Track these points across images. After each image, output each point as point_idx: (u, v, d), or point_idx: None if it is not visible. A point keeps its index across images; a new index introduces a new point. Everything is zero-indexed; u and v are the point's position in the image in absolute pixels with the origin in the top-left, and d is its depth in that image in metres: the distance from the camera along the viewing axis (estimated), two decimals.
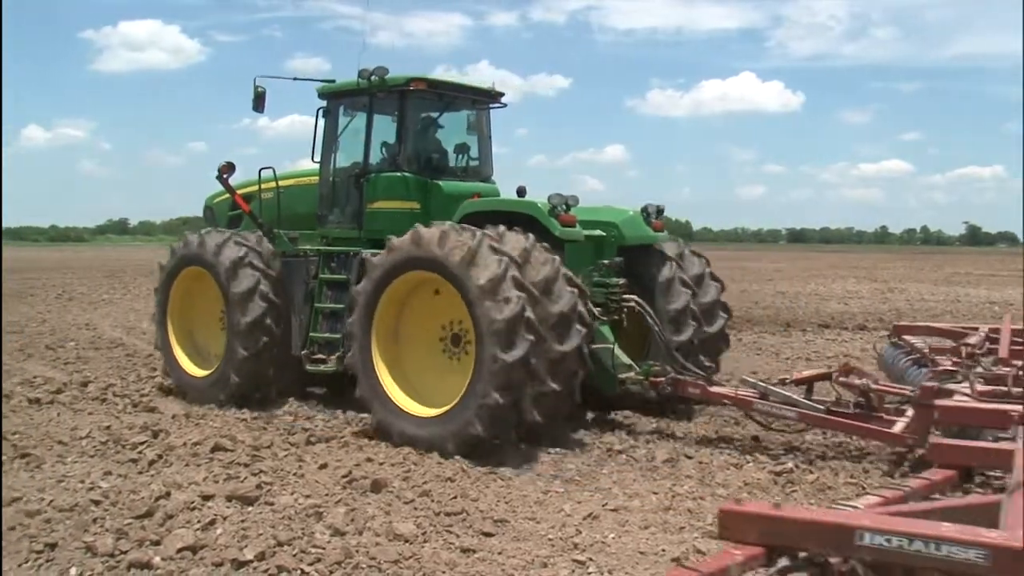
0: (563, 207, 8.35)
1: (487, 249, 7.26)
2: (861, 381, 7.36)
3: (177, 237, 10.46)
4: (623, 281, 8.62)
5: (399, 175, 9.29)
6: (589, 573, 4.81)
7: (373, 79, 9.16)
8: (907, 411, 6.76)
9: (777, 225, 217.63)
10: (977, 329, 8.85)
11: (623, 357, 8.30)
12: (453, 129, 10.11)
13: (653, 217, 9.34)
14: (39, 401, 9.10)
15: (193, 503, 5.56)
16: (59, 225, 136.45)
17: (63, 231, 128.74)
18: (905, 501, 3.92)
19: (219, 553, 4.79)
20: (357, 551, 4.89)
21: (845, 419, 7.03)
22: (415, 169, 9.40)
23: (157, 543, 4.91)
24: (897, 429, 6.42)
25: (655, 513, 5.92)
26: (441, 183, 9.38)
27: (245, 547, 4.85)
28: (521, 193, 9.38)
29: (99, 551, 4.77)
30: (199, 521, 5.26)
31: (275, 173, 10.33)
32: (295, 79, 10.26)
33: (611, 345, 8.15)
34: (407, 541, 5.12)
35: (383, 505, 5.84)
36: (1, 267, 20.47)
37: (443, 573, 4.75)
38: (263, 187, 10.29)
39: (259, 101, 10.03)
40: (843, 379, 7.72)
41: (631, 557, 5.06)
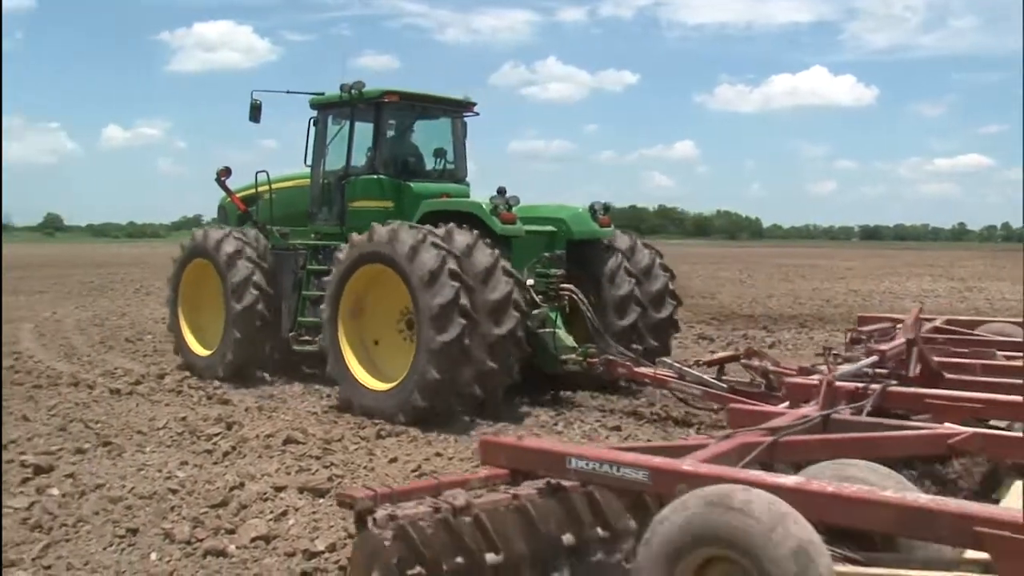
0: (504, 206, 9.25)
1: (428, 245, 8.22)
2: (760, 363, 7.94)
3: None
4: (561, 272, 9.48)
5: (375, 177, 10.31)
6: None
7: (353, 92, 10.22)
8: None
9: (849, 222, 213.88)
10: (934, 319, 9.08)
11: (567, 340, 9.13)
12: (428, 136, 11.16)
13: (600, 213, 10.13)
14: (119, 392, 9.42)
15: (266, 494, 5.70)
16: (136, 222, 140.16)
17: (140, 227, 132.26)
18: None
19: (291, 543, 4.90)
20: None
21: (742, 397, 7.48)
22: (390, 172, 10.38)
23: (231, 532, 5.06)
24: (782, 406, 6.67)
25: None
26: (412, 184, 10.32)
27: (316, 538, 4.96)
28: (501, 193, 9.81)
29: (176, 538, 4.93)
30: (272, 512, 5.39)
31: (268, 176, 11.34)
32: (288, 92, 11.25)
33: (553, 329, 9.05)
34: None
35: None
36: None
37: None
38: (264, 188, 11.34)
39: (255, 112, 11.08)
40: (746, 361, 8.22)
41: None
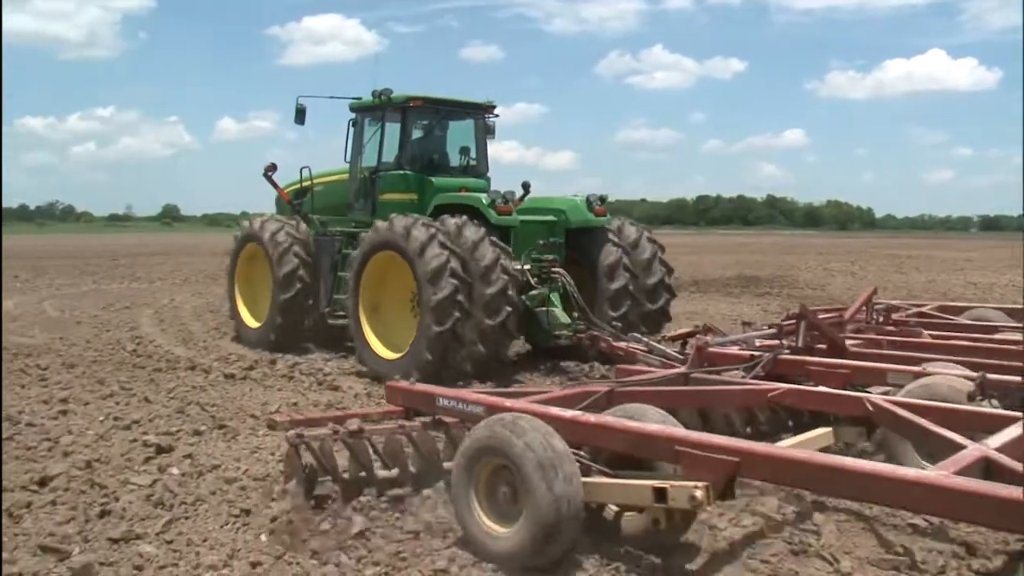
0: (501, 200, 10.54)
1: (436, 244, 9.57)
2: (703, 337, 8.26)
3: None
4: (553, 257, 10.78)
5: (401, 173, 11.63)
6: None
7: (383, 97, 11.64)
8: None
9: (967, 212, 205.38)
10: (923, 305, 10.25)
11: (561, 318, 10.24)
12: (453, 135, 12.53)
13: (595, 204, 11.35)
14: (233, 376, 9.78)
15: None
16: (249, 211, 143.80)
17: (252, 217, 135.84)
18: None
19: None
20: None
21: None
22: (415, 168, 11.68)
23: None
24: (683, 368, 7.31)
25: None
26: (434, 179, 11.59)
27: None
28: (526, 188, 12.24)
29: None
30: None
31: (311, 171, 13.00)
32: (331, 97, 12.98)
33: (548, 308, 10.22)
34: None
35: None
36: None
37: None
38: (307, 182, 13.00)
39: (300, 115, 12.60)
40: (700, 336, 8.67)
41: None
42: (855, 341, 8.02)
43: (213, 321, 14.89)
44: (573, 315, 10.29)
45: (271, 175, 13.08)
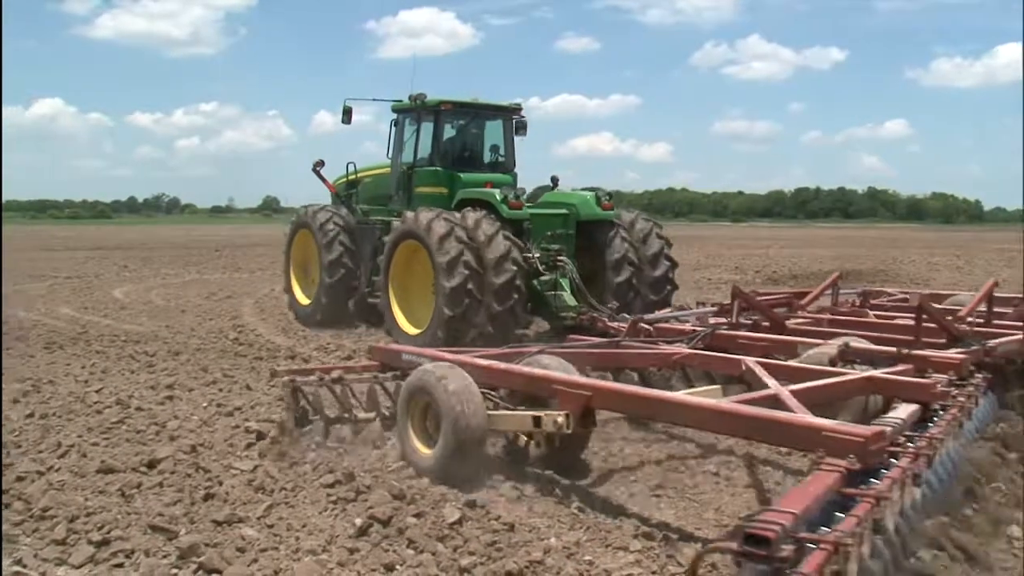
0: (512, 196, 11.81)
1: (453, 238, 10.82)
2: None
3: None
4: (558, 247, 12.02)
5: (433, 169, 13.07)
6: None
7: (418, 101, 13.07)
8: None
9: None
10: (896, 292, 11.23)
11: (569, 301, 11.33)
12: (482, 135, 13.85)
13: (603, 199, 12.57)
14: None
15: None
16: None
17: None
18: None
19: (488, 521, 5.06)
20: None
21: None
22: (445, 164, 13.09)
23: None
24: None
25: None
26: (462, 175, 12.95)
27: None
28: (554, 182, 13.73)
29: (378, 516, 5.13)
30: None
31: (356, 167, 14.85)
32: (373, 99, 15.72)
33: (556, 292, 11.42)
34: None
35: None
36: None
37: None
38: (353, 176, 14.78)
39: (347, 115, 14.07)
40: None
41: None
42: (804, 319, 9.09)
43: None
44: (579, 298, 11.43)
45: (319, 170, 14.77)
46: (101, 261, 31.40)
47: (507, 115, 13.86)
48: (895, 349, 6.80)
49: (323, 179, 14.87)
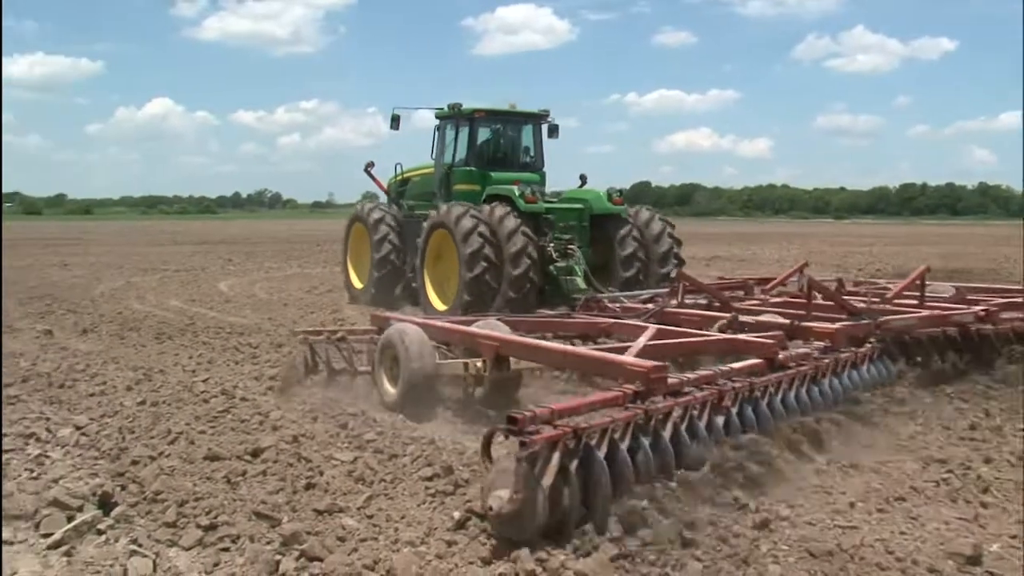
0: (529, 192, 13.60)
1: (476, 233, 12.78)
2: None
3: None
4: (568, 237, 13.72)
5: (468, 168, 15.03)
6: None
7: (455, 109, 15.12)
8: None
9: None
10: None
11: (580, 284, 12.87)
12: (512, 138, 15.65)
13: (614, 195, 14.37)
14: None
15: None
16: None
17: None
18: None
19: None
20: None
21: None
22: (479, 165, 15.01)
23: None
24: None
25: None
26: (493, 174, 14.82)
27: None
28: (583, 179, 15.60)
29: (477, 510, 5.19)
30: None
31: (403, 167, 17.13)
32: (418, 108, 16.55)
33: (569, 277, 13.05)
34: None
35: None
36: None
37: None
38: (401, 176, 17.02)
39: (395, 122, 16.08)
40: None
41: None
42: (753, 301, 10.42)
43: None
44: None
45: (370, 170, 17.07)
46: (207, 255, 32.48)
47: (536, 120, 15.69)
48: (790, 321, 8.21)
49: (374, 178, 17.24)
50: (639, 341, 7.10)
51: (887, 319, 8.40)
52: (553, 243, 13.51)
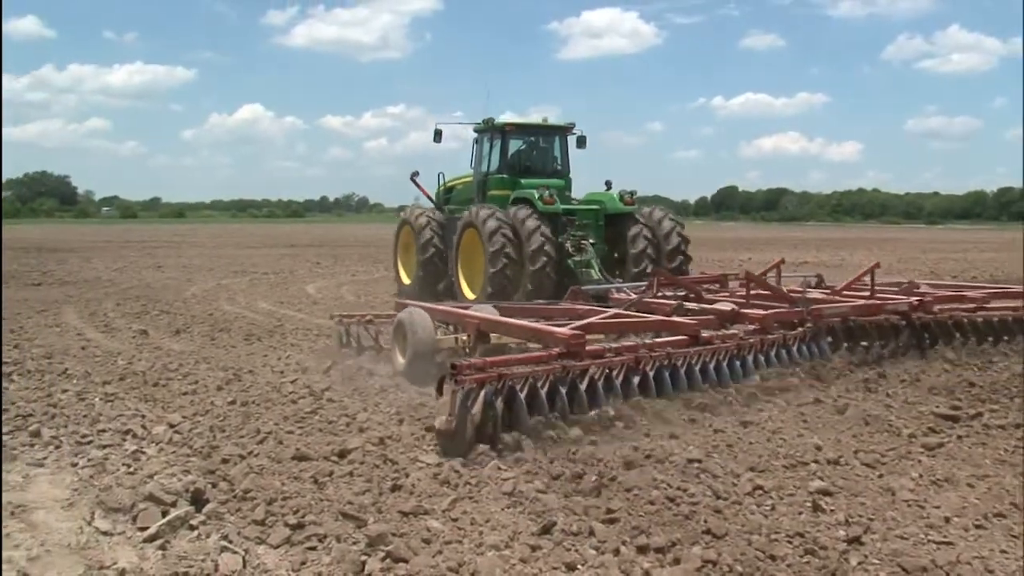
0: (546, 195, 15.26)
1: (500, 235, 14.60)
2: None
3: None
4: (582, 234, 15.42)
5: (501, 176, 16.94)
6: None
7: (488, 124, 17.03)
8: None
9: None
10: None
11: (595, 275, 14.56)
12: (540, 149, 17.54)
13: (626, 196, 15.99)
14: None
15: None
16: None
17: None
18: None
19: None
20: None
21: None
22: (511, 173, 16.93)
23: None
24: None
25: None
26: (523, 180, 16.58)
27: None
28: (608, 185, 16.78)
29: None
30: None
31: (445, 176, 19.39)
32: (460, 123, 19.79)
33: (584, 269, 14.79)
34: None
35: None
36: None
37: None
38: (453, 182, 18.97)
39: (438, 136, 18.17)
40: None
41: None
42: (724, 294, 11.62)
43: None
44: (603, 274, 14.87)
45: (415, 178, 19.32)
46: (295, 258, 33.16)
47: (562, 132, 17.53)
48: (731, 308, 9.63)
49: (419, 186, 19.35)
50: (587, 320, 8.72)
51: (818, 307, 9.73)
52: (570, 240, 15.22)
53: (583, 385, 6.94)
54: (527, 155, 17.45)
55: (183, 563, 4.47)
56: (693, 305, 9.94)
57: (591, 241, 15.41)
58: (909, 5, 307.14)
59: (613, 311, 9.64)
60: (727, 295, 11.51)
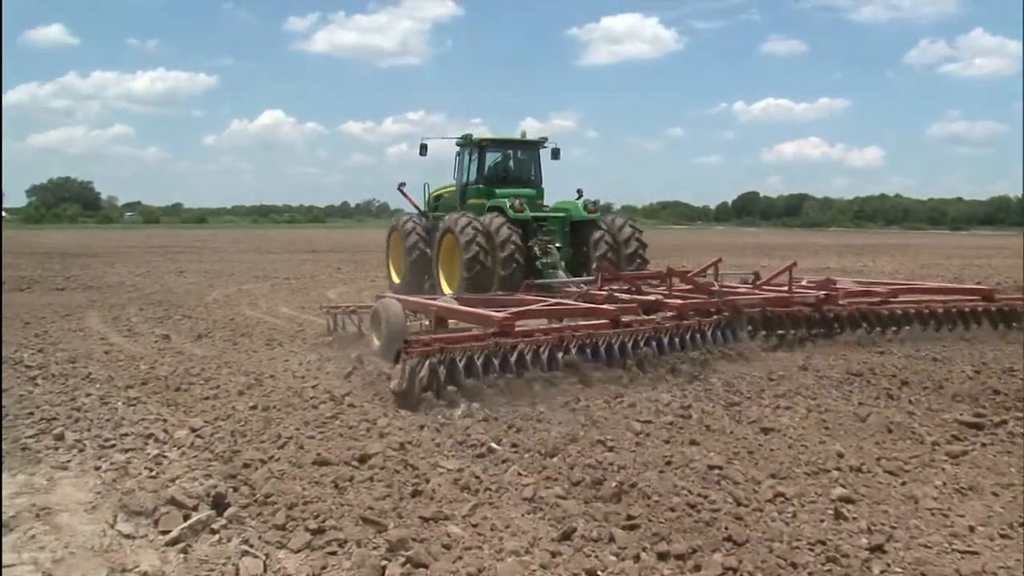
0: (517, 203, 16.95)
1: (470, 228, 16.15)
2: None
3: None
4: (548, 239, 16.89)
5: (478, 187, 18.61)
6: None
7: (467, 139, 18.79)
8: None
9: None
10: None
11: (561, 275, 15.81)
12: (515, 161, 19.14)
13: (589, 205, 17.73)
14: None
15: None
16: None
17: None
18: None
19: None
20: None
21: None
22: (487, 184, 18.56)
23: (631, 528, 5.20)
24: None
25: None
26: (497, 190, 18.20)
27: None
28: (580, 193, 18.58)
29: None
30: None
31: (430, 186, 20.88)
32: (445, 137, 21.22)
33: (553, 270, 16.19)
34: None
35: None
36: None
37: None
38: (440, 191, 20.55)
39: (423, 150, 19.49)
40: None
41: None
42: (663, 290, 12.77)
43: None
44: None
45: (403, 189, 21.04)
46: (316, 263, 33.32)
47: (535, 146, 19.15)
48: (655, 298, 11.43)
49: (406, 196, 21.11)
50: (525, 307, 10.56)
51: (732, 298, 11.25)
52: (538, 244, 16.75)
53: (513, 357, 8.56)
54: (503, 167, 19.10)
55: (204, 567, 4.51)
56: (625, 296, 11.65)
57: (557, 245, 16.99)
58: (932, 9, 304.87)
59: (554, 300, 11.56)
60: (664, 289, 12.72)
